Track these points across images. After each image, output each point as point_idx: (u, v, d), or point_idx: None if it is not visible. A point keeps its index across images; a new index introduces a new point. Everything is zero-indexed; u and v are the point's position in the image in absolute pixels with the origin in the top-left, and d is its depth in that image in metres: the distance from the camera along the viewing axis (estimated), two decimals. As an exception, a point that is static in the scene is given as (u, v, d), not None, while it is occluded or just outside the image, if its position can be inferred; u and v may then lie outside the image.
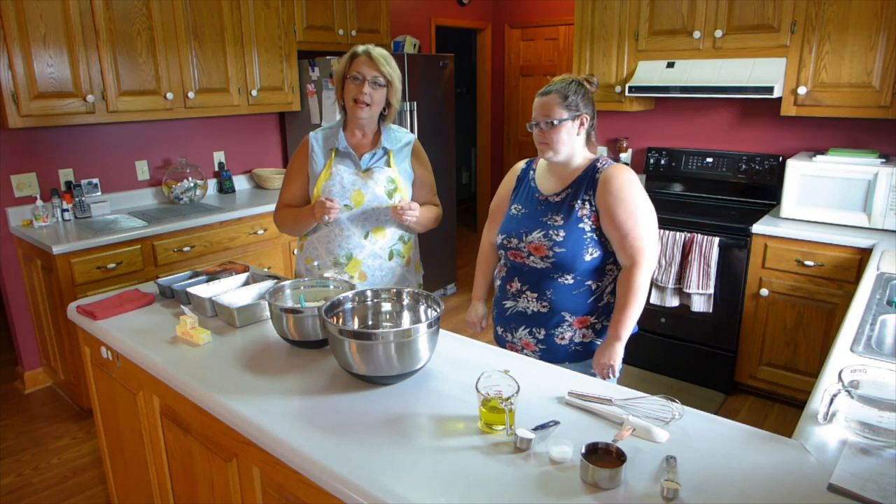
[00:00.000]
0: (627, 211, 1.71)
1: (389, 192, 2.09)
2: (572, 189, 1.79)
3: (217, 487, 1.53)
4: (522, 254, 1.82)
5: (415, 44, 4.95)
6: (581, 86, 1.76)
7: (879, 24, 2.79)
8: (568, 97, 1.73)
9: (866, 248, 2.73)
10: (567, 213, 1.76)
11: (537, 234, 1.78)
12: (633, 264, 1.73)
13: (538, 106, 1.77)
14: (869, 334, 1.73)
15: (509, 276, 1.89)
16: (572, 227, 1.75)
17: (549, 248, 1.75)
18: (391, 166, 2.11)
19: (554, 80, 1.80)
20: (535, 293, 1.81)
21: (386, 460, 1.16)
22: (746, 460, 1.15)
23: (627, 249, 1.73)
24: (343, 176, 2.08)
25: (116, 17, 3.18)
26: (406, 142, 2.17)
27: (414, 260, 2.27)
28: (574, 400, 1.36)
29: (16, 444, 2.93)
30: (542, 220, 1.79)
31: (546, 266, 1.78)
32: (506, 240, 1.87)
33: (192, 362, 1.59)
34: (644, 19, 3.46)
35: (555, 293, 1.78)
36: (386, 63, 2.00)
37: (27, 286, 3.30)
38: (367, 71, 1.99)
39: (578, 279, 1.77)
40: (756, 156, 3.48)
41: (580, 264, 1.75)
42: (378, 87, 2.01)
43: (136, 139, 3.69)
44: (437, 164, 4.53)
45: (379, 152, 2.11)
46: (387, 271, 2.15)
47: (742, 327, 3.18)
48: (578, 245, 1.74)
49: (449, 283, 4.91)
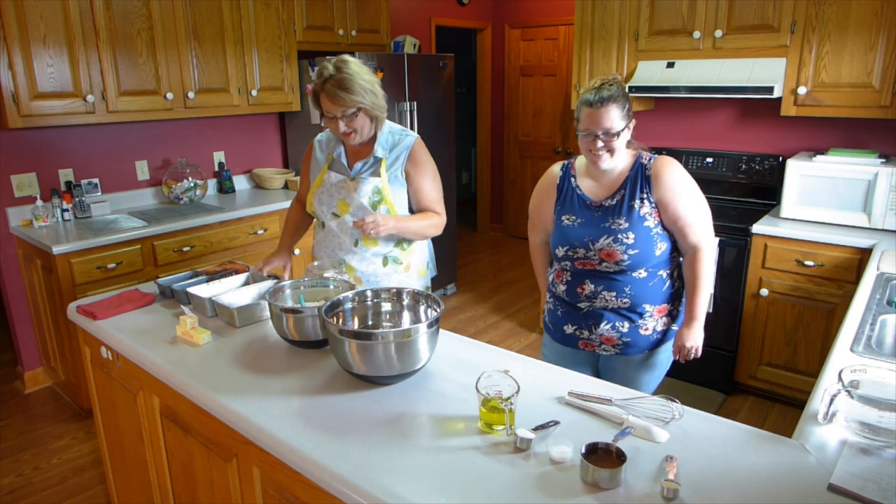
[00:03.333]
0: (686, 202, 1.77)
1: (374, 204, 2.04)
2: (626, 189, 1.79)
3: (217, 487, 1.53)
4: (593, 261, 1.81)
5: (415, 44, 4.95)
6: (624, 90, 1.76)
7: (879, 24, 2.79)
8: (625, 106, 1.73)
9: (866, 248, 2.73)
10: (629, 214, 1.76)
11: (605, 240, 1.77)
12: (698, 249, 1.80)
13: (596, 116, 1.71)
14: (869, 334, 1.73)
15: (577, 280, 1.87)
16: (638, 227, 1.76)
17: (623, 252, 1.76)
18: (381, 175, 2.05)
19: (593, 88, 1.73)
20: (613, 292, 1.82)
21: (386, 460, 1.16)
22: (746, 460, 1.15)
23: (691, 238, 1.79)
24: (332, 184, 2.09)
25: (116, 17, 3.18)
26: (403, 146, 2.07)
27: (417, 265, 2.21)
28: (574, 400, 1.36)
29: (16, 444, 2.93)
30: (604, 226, 1.78)
31: (621, 268, 1.79)
32: (570, 251, 1.84)
33: (192, 362, 1.59)
34: (644, 19, 3.46)
35: (633, 288, 1.80)
36: (348, 94, 1.88)
37: (27, 286, 3.30)
38: (334, 108, 1.91)
39: (651, 271, 1.81)
40: (756, 156, 3.48)
41: (652, 260, 1.79)
42: (353, 117, 1.94)
43: (136, 139, 3.69)
44: (437, 164, 4.55)
45: (370, 160, 2.06)
46: (382, 277, 2.13)
47: (742, 327, 3.18)
48: (648, 243, 1.76)
49: (449, 283, 4.91)
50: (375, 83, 1.97)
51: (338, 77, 1.89)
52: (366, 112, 1.96)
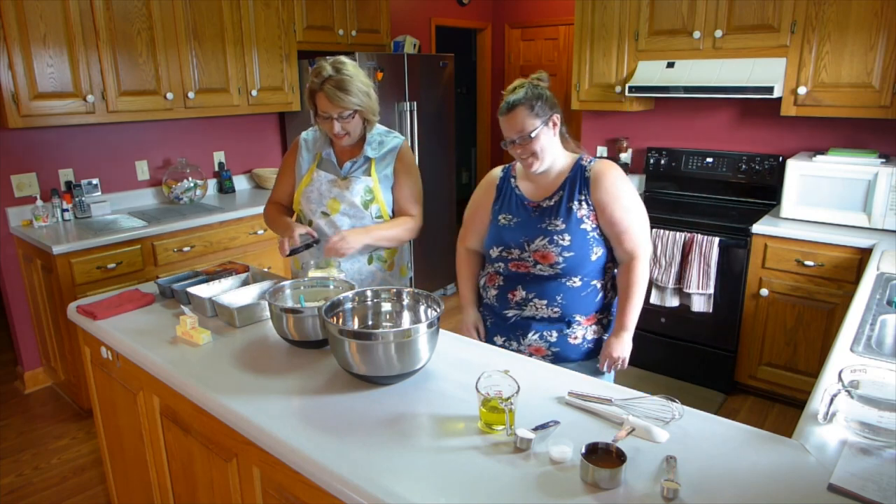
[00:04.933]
0: (623, 207, 1.73)
1: (366, 203, 2.05)
2: (564, 191, 1.76)
3: (217, 487, 1.53)
4: (527, 263, 1.78)
5: (415, 44, 4.95)
6: (536, 88, 1.72)
7: (879, 24, 2.79)
8: (534, 105, 1.69)
9: (866, 248, 2.73)
10: (567, 216, 1.74)
11: (541, 241, 1.75)
12: (634, 258, 1.76)
13: (507, 123, 1.71)
14: (869, 334, 1.73)
15: (509, 285, 1.83)
16: (575, 229, 1.73)
17: (558, 255, 1.73)
18: (372, 175, 2.06)
19: (507, 92, 1.73)
20: (544, 300, 1.78)
21: (386, 460, 1.16)
22: (746, 460, 1.15)
23: (626, 244, 1.75)
24: (322, 182, 2.10)
25: (116, 17, 3.18)
26: (391, 147, 2.09)
27: (399, 264, 2.23)
28: (574, 400, 1.36)
29: (16, 444, 2.93)
30: (541, 227, 1.76)
31: (555, 272, 1.75)
32: (504, 251, 1.81)
33: (192, 362, 1.59)
34: (644, 19, 3.46)
35: (565, 297, 1.76)
36: (347, 95, 1.90)
37: (27, 286, 3.30)
38: (332, 109, 1.92)
39: (586, 280, 1.77)
40: (756, 156, 3.48)
41: (587, 266, 1.75)
42: (349, 119, 1.95)
43: (136, 139, 3.69)
44: (437, 164, 4.58)
45: (360, 160, 2.07)
46: (367, 275, 2.14)
47: (742, 327, 3.18)
48: (584, 247, 1.73)
49: (449, 283, 4.91)
50: (371, 86, 2.00)
51: (337, 78, 1.90)
52: (361, 114, 1.98)
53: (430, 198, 4.54)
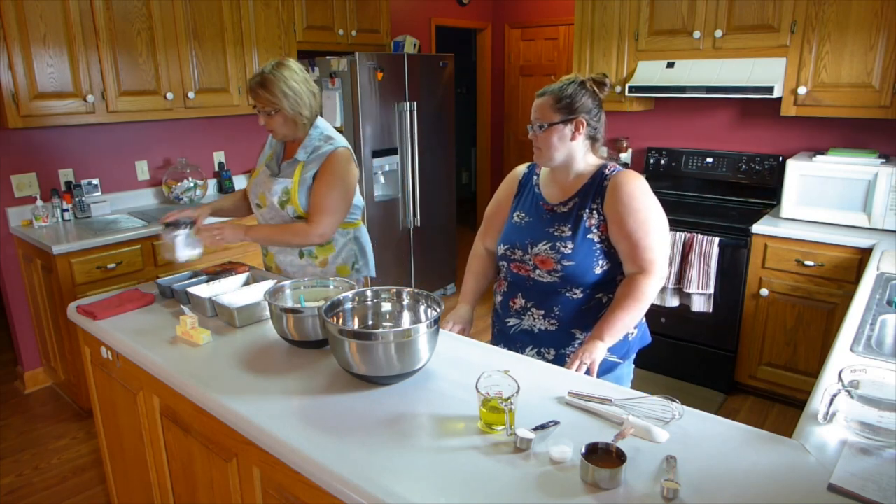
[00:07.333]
0: (638, 220, 1.62)
1: (282, 203, 2.14)
2: (579, 198, 1.69)
3: (217, 487, 1.53)
4: (528, 267, 1.73)
5: (415, 44, 4.95)
6: (582, 86, 1.66)
7: (879, 24, 2.79)
8: (561, 100, 1.64)
9: (866, 248, 2.73)
10: (575, 224, 1.67)
11: (544, 245, 1.69)
12: (644, 272, 1.64)
13: (534, 107, 1.70)
14: (869, 334, 1.73)
15: (511, 291, 1.79)
16: (581, 238, 1.66)
17: (557, 262, 1.66)
18: (294, 176, 2.13)
19: (555, 80, 1.73)
20: (542, 310, 1.72)
21: (386, 460, 1.16)
22: (746, 460, 1.15)
23: (637, 260, 1.63)
24: (262, 176, 2.23)
25: (116, 17, 3.18)
26: (323, 152, 2.11)
27: (334, 263, 2.26)
28: (574, 400, 1.36)
29: (16, 444, 2.93)
30: (548, 231, 1.70)
31: (553, 280, 1.69)
32: (509, 251, 1.77)
33: (192, 362, 1.59)
34: (644, 19, 3.46)
35: (563, 309, 1.69)
36: (265, 93, 2.04)
37: (27, 286, 3.30)
38: (256, 103, 2.09)
39: (588, 293, 1.69)
40: (756, 156, 3.48)
41: (590, 278, 1.67)
42: (270, 115, 2.08)
43: (136, 139, 3.69)
44: (437, 164, 4.58)
45: (292, 161, 2.16)
46: (297, 268, 2.26)
47: (742, 327, 3.18)
48: (588, 258, 1.66)
49: (449, 283, 4.91)
50: (305, 92, 2.10)
51: (264, 76, 2.05)
52: (283, 114, 2.08)
53: (430, 198, 4.56)
